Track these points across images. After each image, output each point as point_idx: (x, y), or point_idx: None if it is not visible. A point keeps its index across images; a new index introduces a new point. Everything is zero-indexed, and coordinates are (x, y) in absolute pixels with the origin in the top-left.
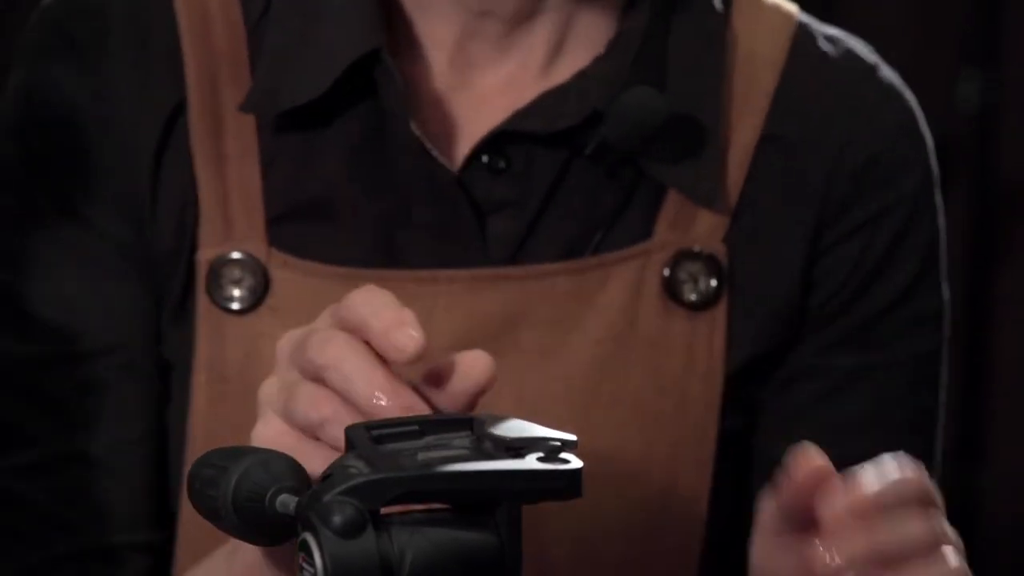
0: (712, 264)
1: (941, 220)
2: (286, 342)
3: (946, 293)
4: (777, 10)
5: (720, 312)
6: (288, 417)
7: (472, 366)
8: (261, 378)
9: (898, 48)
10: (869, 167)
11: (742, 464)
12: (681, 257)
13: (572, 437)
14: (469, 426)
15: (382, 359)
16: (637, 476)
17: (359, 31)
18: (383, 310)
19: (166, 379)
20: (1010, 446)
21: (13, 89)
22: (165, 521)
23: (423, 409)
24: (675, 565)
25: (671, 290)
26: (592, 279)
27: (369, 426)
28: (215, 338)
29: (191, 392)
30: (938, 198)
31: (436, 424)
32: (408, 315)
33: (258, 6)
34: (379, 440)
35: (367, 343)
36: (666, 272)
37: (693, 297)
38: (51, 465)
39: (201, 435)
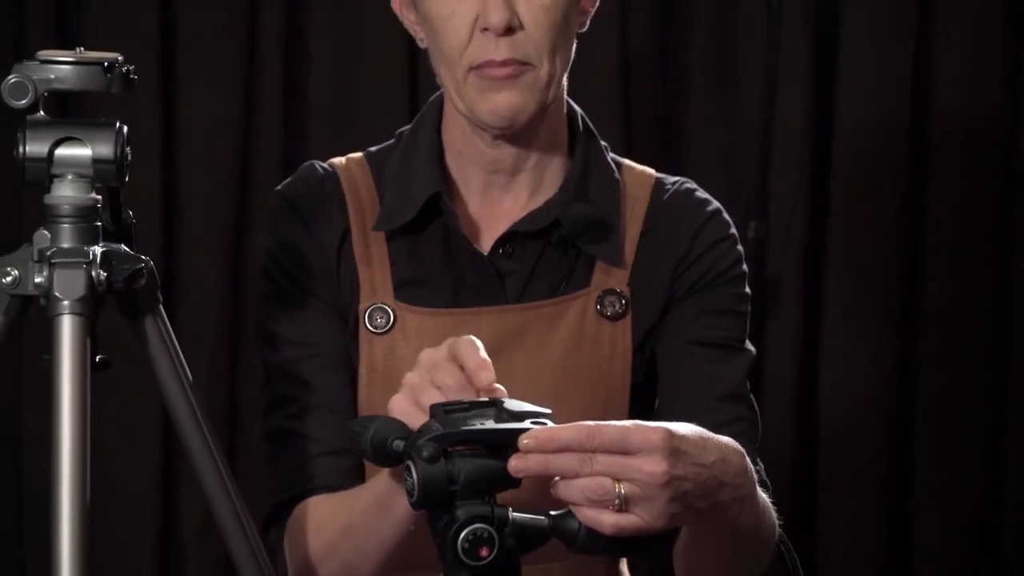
0: (621, 297)
1: (742, 260)
2: (424, 354)
3: (747, 289)
4: (644, 171)
5: (627, 321)
6: (412, 396)
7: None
8: (394, 370)
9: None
10: (697, 233)
11: (643, 405)
12: (605, 294)
13: (547, 410)
14: (495, 405)
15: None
16: (586, 412)
17: (429, 182)
18: (474, 354)
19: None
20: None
21: (271, 237)
22: None
23: (471, 394)
24: None
25: (601, 311)
26: (561, 309)
27: (443, 405)
28: (368, 348)
29: (358, 380)
30: (739, 248)
31: (477, 404)
32: (486, 361)
33: (383, 183)
34: (447, 412)
35: (461, 367)
36: (598, 303)
37: (611, 314)
38: (307, 411)
39: (364, 400)
